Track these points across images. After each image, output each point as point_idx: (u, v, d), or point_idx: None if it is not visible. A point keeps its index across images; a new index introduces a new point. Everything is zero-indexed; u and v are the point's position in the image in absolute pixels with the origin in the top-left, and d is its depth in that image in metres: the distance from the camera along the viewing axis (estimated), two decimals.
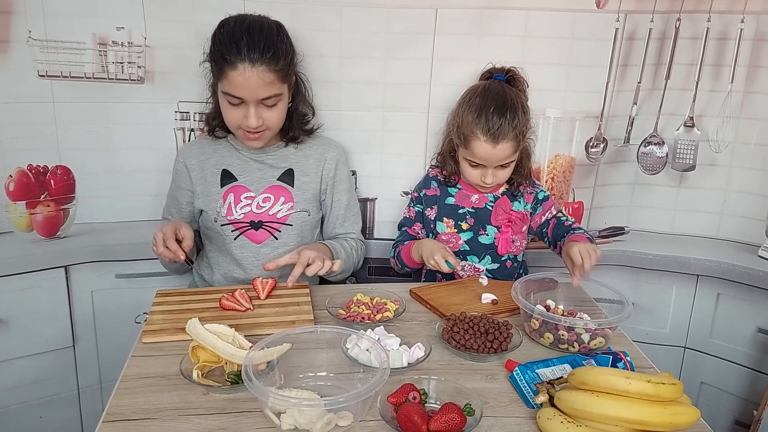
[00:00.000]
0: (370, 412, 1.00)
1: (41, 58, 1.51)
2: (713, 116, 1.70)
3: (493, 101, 1.46)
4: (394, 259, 1.66)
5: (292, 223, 1.55)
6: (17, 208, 1.60)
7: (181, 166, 1.55)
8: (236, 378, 1.06)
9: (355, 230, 1.67)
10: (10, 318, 1.66)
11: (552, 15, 1.62)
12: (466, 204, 1.61)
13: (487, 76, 1.58)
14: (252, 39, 1.36)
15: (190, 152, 1.56)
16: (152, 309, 1.34)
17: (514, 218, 1.59)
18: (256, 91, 1.38)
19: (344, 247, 1.57)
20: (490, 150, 1.46)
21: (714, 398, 1.88)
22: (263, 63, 1.36)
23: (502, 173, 1.53)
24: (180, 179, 1.56)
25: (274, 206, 1.54)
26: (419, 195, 1.65)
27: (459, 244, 1.60)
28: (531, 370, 1.11)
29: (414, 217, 1.66)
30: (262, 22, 1.42)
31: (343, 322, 1.29)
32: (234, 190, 1.53)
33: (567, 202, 1.81)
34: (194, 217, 1.59)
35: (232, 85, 1.37)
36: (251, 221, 1.53)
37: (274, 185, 1.55)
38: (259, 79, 1.36)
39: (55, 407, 1.77)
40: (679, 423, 0.94)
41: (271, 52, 1.37)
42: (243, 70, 1.35)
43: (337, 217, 1.63)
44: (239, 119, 1.42)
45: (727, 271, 1.79)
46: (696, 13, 1.63)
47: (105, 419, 1.00)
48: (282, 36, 1.43)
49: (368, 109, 1.70)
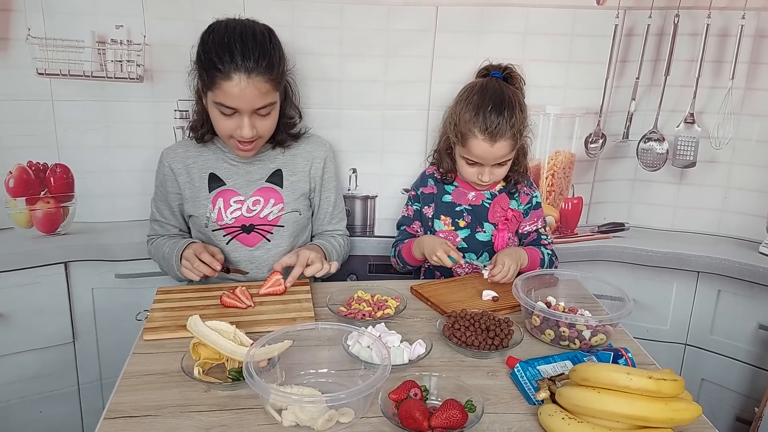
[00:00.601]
0: (371, 409, 1.00)
1: (40, 56, 1.50)
2: (714, 113, 1.70)
3: (491, 99, 1.46)
4: (395, 258, 1.66)
5: (284, 224, 1.54)
6: (17, 204, 1.60)
7: (167, 170, 1.52)
8: (237, 375, 1.06)
9: (341, 227, 1.67)
10: (10, 313, 1.66)
11: (552, 12, 1.61)
12: (463, 201, 1.61)
13: (484, 73, 1.58)
14: (246, 47, 1.31)
15: (174, 156, 1.52)
16: (153, 306, 1.35)
17: (511, 216, 1.59)
18: (252, 101, 1.34)
19: (335, 247, 1.58)
20: (488, 148, 1.46)
21: (715, 395, 1.88)
22: (259, 73, 1.32)
23: (499, 171, 1.53)
24: (167, 183, 1.53)
25: (265, 209, 1.53)
26: (416, 193, 1.65)
27: (456, 241, 1.60)
28: (532, 367, 1.11)
29: (413, 215, 1.66)
30: (254, 28, 1.36)
31: (344, 319, 1.29)
32: (223, 195, 1.51)
33: (566, 198, 1.81)
34: (185, 219, 1.59)
35: (226, 95, 1.32)
36: (242, 225, 1.52)
37: (263, 187, 1.53)
38: (255, 89, 1.32)
39: (56, 402, 1.77)
40: (681, 419, 0.94)
41: (266, 61, 1.33)
42: (238, 81, 1.30)
43: (325, 215, 1.63)
44: (232, 129, 1.38)
45: (727, 268, 1.79)
46: (695, 9, 1.63)
47: (106, 416, 1.00)
48: (274, 43, 1.38)
49: (368, 108, 1.69)
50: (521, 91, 1.57)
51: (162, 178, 1.54)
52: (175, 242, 1.50)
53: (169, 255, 1.47)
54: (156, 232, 1.58)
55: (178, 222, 1.58)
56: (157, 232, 1.58)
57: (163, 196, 1.55)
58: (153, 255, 1.59)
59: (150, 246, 1.59)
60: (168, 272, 1.53)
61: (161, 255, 1.51)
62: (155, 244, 1.56)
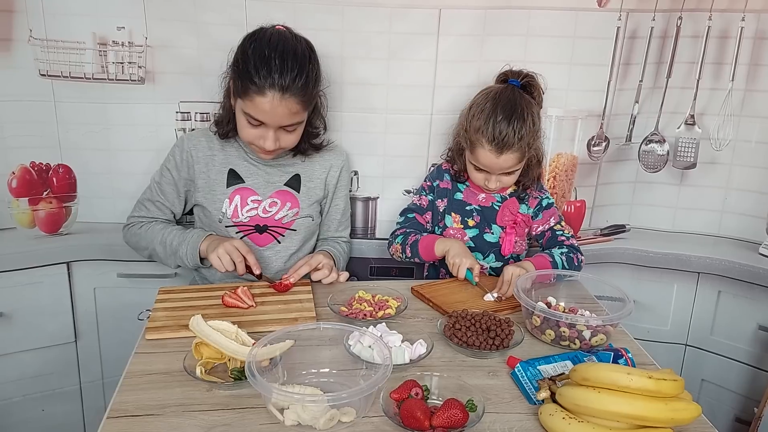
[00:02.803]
0: (372, 408, 1.01)
1: (42, 57, 1.51)
2: (714, 114, 1.71)
3: (503, 110, 1.45)
4: (400, 245, 1.61)
5: (297, 229, 1.55)
6: (20, 204, 1.61)
7: (187, 155, 1.50)
8: (239, 374, 1.06)
9: (346, 234, 1.70)
10: (12, 312, 1.67)
11: (554, 14, 1.61)
12: (473, 201, 1.62)
13: (503, 78, 1.56)
14: (285, 64, 1.30)
15: (197, 144, 1.51)
16: (155, 306, 1.35)
17: (520, 221, 1.59)
18: (281, 119, 1.35)
19: (341, 253, 1.62)
20: (494, 159, 1.46)
21: (715, 395, 1.89)
22: (293, 93, 1.31)
23: (506, 179, 1.53)
24: (183, 167, 1.50)
25: (280, 211, 1.54)
26: (432, 184, 1.65)
27: (464, 240, 1.60)
28: (533, 367, 1.12)
29: (426, 206, 1.65)
30: (296, 45, 1.35)
31: (345, 319, 1.30)
32: (241, 192, 1.52)
33: (569, 200, 1.81)
34: (184, 205, 1.57)
35: (256, 109, 1.33)
36: (257, 225, 1.53)
37: (281, 190, 1.54)
38: (286, 108, 1.33)
39: (57, 401, 1.78)
40: (681, 419, 0.95)
41: (303, 81, 1.32)
42: (271, 98, 1.30)
43: (332, 222, 1.65)
44: (255, 138, 1.39)
45: (727, 269, 1.79)
46: (697, 11, 1.63)
47: (109, 415, 1.00)
48: (313, 63, 1.37)
49: (371, 111, 1.69)
50: (539, 101, 1.55)
51: (178, 162, 1.51)
52: (182, 231, 1.48)
53: (177, 244, 1.46)
54: (147, 213, 1.54)
55: (179, 208, 1.56)
56: (149, 213, 1.54)
57: (173, 180, 1.52)
58: (140, 238, 1.52)
59: (137, 229, 1.53)
60: (162, 258, 1.50)
61: (159, 240, 1.48)
62: (148, 229, 1.52)
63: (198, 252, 1.45)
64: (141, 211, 1.56)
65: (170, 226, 1.53)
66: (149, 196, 1.55)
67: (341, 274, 1.48)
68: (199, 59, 1.57)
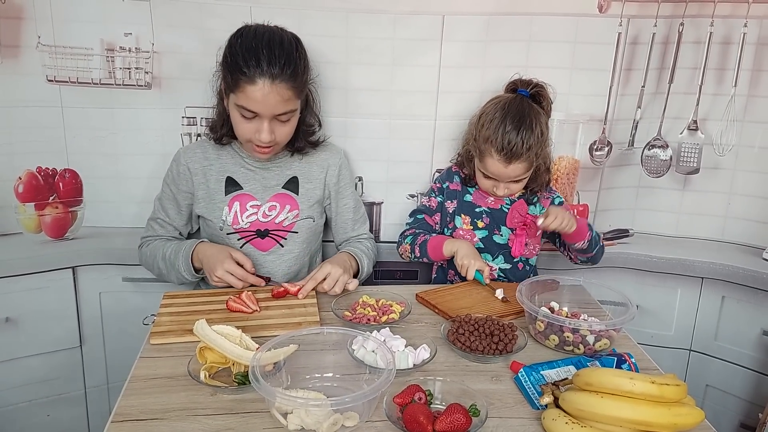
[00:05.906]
0: (376, 413, 1.01)
1: (50, 63, 1.53)
2: (717, 120, 1.71)
3: (512, 121, 1.46)
4: (409, 245, 1.62)
5: (298, 231, 1.56)
6: (26, 209, 1.62)
7: (184, 168, 1.53)
8: (243, 379, 1.07)
9: (365, 230, 1.69)
10: (18, 317, 1.68)
11: (556, 20, 1.62)
12: (482, 203, 1.63)
13: (512, 87, 1.57)
14: (272, 53, 1.33)
15: (192, 156, 1.53)
16: (160, 311, 1.36)
17: (530, 222, 1.59)
18: (274, 107, 1.37)
19: (364, 252, 1.59)
20: (502, 168, 1.48)
21: (719, 401, 1.88)
22: (283, 80, 1.34)
23: (514, 186, 1.55)
24: (181, 181, 1.53)
25: (280, 214, 1.55)
26: (442, 186, 1.66)
27: (474, 241, 1.61)
28: (536, 372, 1.12)
29: (435, 207, 1.66)
30: (282, 36, 1.39)
31: (349, 323, 1.30)
32: (239, 199, 1.53)
33: (572, 204, 1.82)
34: (191, 220, 1.59)
35: (248, 99, 1.35)
36: (257, 230, 1.54)
37: (279, 193, 1.55)
38: (277, 95, 1.35)
39: (63, 406, 1.78)
40: (684, 424, 0.95)
41: (291, 68, 1.35)
42: (262, 86, 1.33)
43: (346, 222, 1.65)
44: (251, 133, 1.41)
45: (731, 274, 1.79)
46: (699, 17, 1.64)
47: (113, 419, 1.01)
48: (300, 52, 1.40)
49: (375, 117, 1.70)
50: (547, 111, 1.56)
51: (176, 176, 1.54)
52: (179, 243, 1.50)
53: (174, 257, 1.47)
54: (153, 232, 1.57)
55: (182, 223, 1.58)
56: (155, 232, 1.57)
57: (173, 195, 1.55)
58: (147, 257, 1.56)
59: (145, 248, 1.57)
60: (166, 275, 1.52)
61: (161, 256, 1.50)
62: (151, 247, 1.55)
63: (191, 262, 1.46)
64: (148, 231, 1.59)
65: (170, 241, 1.54)
66: (153, 215, 1.58)
67: (350, 282, 1.44)
68: (205, 65, 1.57)
